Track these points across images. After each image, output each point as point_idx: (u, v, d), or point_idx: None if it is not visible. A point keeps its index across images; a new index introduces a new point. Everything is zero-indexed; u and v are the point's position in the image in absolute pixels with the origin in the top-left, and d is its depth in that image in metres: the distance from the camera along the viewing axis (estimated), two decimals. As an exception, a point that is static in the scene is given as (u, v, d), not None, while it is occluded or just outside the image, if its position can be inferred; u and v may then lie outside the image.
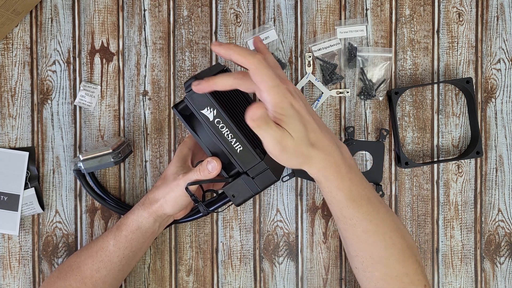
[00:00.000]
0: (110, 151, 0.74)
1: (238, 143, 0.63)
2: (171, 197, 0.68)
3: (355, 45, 0.81)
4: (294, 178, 0.81)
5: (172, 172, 0.70)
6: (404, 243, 0.66)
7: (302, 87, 0.81)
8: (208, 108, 0.62)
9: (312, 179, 0.80)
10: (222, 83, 0.57)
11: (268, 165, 0.64)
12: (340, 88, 0.81)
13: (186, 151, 0.72)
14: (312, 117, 0.60)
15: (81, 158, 0.74)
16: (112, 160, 0.74)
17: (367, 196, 0.64)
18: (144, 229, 0.71)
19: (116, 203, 0.78)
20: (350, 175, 0.62)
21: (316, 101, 0.80)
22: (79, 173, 0.76)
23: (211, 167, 0.65)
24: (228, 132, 0.63)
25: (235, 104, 0.66)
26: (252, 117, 0.54)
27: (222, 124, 0.63)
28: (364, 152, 0.81)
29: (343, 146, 0.64)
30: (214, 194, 0.73)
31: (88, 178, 0.78)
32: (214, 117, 0.62)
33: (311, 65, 0.80)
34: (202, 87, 0.58)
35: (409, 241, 0.68)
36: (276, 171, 0.66)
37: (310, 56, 0.80)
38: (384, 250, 0.65)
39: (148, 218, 0.70)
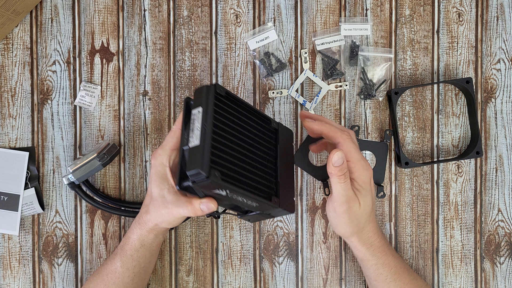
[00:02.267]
0: (95, 155, 0.75)
1: (254, 202, 0.63)
2: (164, 221, 0.66)
3: (358, 43, 0.81)
4: (294, 178, 0.81)
5: (158, 194, 0.65)
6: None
7: (302, 83, 0.81)
8: (220, 189, 0.59)
9: (315, 176, 0.80)
10: (331, 131, 0.67)
11: (284, 205, 0.66)
12: (340, 82, 0.81)
13: (162, 169, 0.65)
14: (373, 198, 0.68)
15: (70, 170, 0.75)
16: (99, 163, 0.75)
17: (406, 267, 0.72)
18: (148, 245, 0.70)
19: (117, 206, 0.78)
20: (391, 250, 0.71)
21: (316, 97, 0.80)
22: (73, 186, 0.76)
23: (206, 208, 0.62)
24: (245, 200, 0.62)
25: (248, 148, 0.65)
26: (337, 168, 0.62)
27: (237, 195, 0.60)
28: (366, 152, 0.81)
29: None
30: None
31: (84, 187, 0.78)
32: (228, 193, 0.60)
33: (308, 61, 0.81)
34: (315, 125, 0.67)
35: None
36: (290, 205, 0.68)
37: (306, 53, 0.80)
38: None
39: (148, 235, 0.69)
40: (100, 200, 0.78)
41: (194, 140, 0.58)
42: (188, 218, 0.75)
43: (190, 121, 0.60)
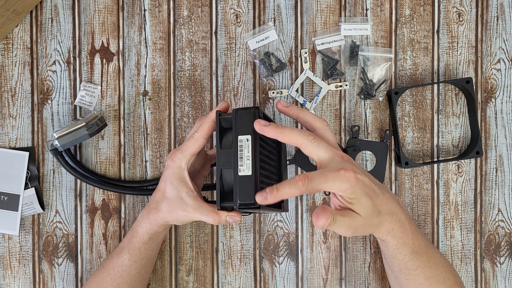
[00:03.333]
0: (84, 124, 0.75)
1: (269, 212, 0.67)
2: (179, 220, 0.68)
3: (358, 43, 0.81)
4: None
5: (175, 195, 0.67)
6: (458, 281, 0.71)
7: (302, 83, 0.81)
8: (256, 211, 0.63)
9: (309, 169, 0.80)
10: (288, 193, 0.57)
11: (285, 208, 0.71)
12: (340, 82, 0.81)
13: (180, 171, 0.67)
14: (372, 182, 0.61)
15: (56, 136, 0.74)
16: (87, 132, 0.74)
17: (425, 245, 0.67)
18: (156, 238, 0.72)
19: (96, 178, 0.79)
20: (411, 227, 0.65)
21: (316, 97, 0.80)
22: (56, 152, 0.76)
23: (232, 221, 0.65)
24: (263, 211, 0.66)
25: (269, 164, 0.68)
26: (322, 226, 0.55)
27: (262, 211, 0.65)
28: (367, 152, 0.81)
29: (399, 199, 0.67)
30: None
31: (65, 156, 0.78)
32: (258, 211, 0.64)
33: (308, 61, 0.81)
34: (269, 200, 0.57)
35: (458, 278, 0.72)
36: (286, 205, 0.73)
37: (306, 53, 0.80)
38: None
39: (158, 229, 0.71)
40: (80, 170, 0.78)
41: (245, 169, 0.61)
42: None
43: (236, 147, 0.62)
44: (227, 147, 0.63)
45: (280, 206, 0.71)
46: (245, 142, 0.62)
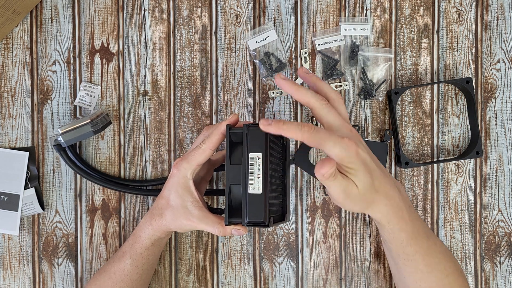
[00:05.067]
0: (89, 121, 0.75)
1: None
2: (182, 228, 0.69)
3: (358, 43, 0.81)
4: (294, 178, 0.81)
5: (180, 204, 0.67)
6: (458, 269, 0.71)
7: (302, 83, 0.81)
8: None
9: (312, 174, 0.80)
10: (291, 132, 0.56)
11: (287, 219, 0.73)
12: (340, 82, 0.81)
13: (185, 181, 0.67)
14: (375, 163, 0.61)
15: (60, 132, 0.74)
16: (91, 129, 0.75)
17: (425, 232, 0.67)
18: (158, 243, 0.72)
19: (98, 175, 0.79)
20: (411, 215, 0.65)
21: (316, 101, 0.80)
22: (59, 148, 0.76)
23: (237, 233, 0.65)
24: None
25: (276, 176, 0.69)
26: (323, 174, 0.55)
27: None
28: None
29: (401, 186, 0.67)
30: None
31: (68, 152, 0.78)
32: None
33: (308, 61, 0.81)
34: (272, 128, 0.57)
35: (459, 266, 0.72)
36: (288, 215, 0.74)
37: (306, 53, 0.80)
38: (445, 278, 0.68)
39: (160, 235, 0.71)
40: (83, 167, 0.79)
41: (255, 187, 0.62)
42: None
43: (246, 164, 0.62)
44: (236, 162, 0.64)
45: (283, 218, 0.71)
46: (256, 160, 0.62)
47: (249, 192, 0.62)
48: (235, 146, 0.65)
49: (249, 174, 0.62)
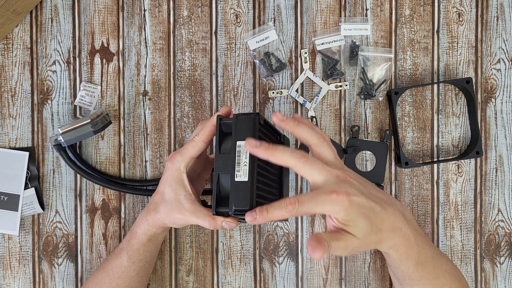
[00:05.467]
0: (89, 120, 0.75)
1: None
2: (176, 223, 0.68)
3: (358, 43, 0.81)
4: (294, 178, 0.81)
5: (173, 198, 0.67)
6: (463, 284, 0.70)
7: (302, 83, 0.81)
8: None
9: None
10: (277, 215, 0.55)
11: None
12: (340, 82, 0.81)
13: (179, 174, 0.67)
14: (371, 199, 0.58)
15: (60, 131, 0.74)
16: (91, 129, 0.75)
17: (431, 255, 0.65)
18: (155, 240, 0.72)
19: (99, 176, 0.79)
20: (417, 240, 0.63)
21: (316, 97, 0.80)
22: (59, 148, 0.76)
23: (227, 226, 0.64)
24: None
25: (269, 180, 0.68)
26: (316, 257, 0.53)
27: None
28: (366, 152, 0.81)
29: (406, 209, 0.64)
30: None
31: (68, 151, 0.78)
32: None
33: (308, 61, 0.81)
34: (258, 221, 0.56)
35: (464, 281, 0.71)
36: None
37: (306, 53, 0.80)
38: None
39: (156, 231, 0.71)
40: (83, 167, 0.79)
41: (242, 175, 0.61)
42: None
43: (234, 152, 0.62)
44: (226, 152, 0.63)
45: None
46: (243, 148, 0.62)
47: (236, 179, 0.61)
48: (226, 136, 0.65)
49: (236, 162, 0.61)
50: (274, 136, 0.70)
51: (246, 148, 0.58)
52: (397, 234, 0.60)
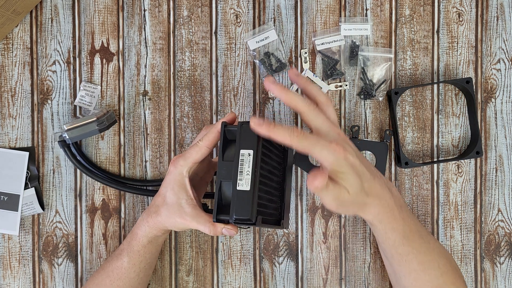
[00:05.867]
0: (95, 119, 0.74)
1: (267, 228, 0.67)
2: (176, 227, 0.68)
3: (358, 43, 0.81)
4: (294, 178, 0.81)
5: (174, 202, 0.67)
6: (453, 267, 0.71)
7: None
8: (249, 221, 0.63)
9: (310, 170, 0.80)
10: (281, 136, 0.57)
11: (285, 226, 0.71)
12: (340, 82, 0.81)
13: (181, 178, 0.67)
14: (364, 165, 0.61)
15: (65, 128, 0.74)
16: (97, 127, 0.74)
17: (418, 231, 0.67)
18: (155, 242, 0.72)
19: (102, 174, 0.79)
20: (402, 214, 0.65)
21: (316, 101, 0.80)
22: (64, 144, 0.76)
23: (227, 233, 0.65)
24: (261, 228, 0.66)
25: (271, 182, 0.68)
26: (317, 186, 0.55)
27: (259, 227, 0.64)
28: (366, 152, 0.81)
29: (392, 185, 0.67)
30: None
31: (72, 148, 0.78)
32: (254, 227, 0.64)
33: (308, 61, 0.81)
34: (262, 129, 0.57)
35: (454, 263, 0.72)
36: (286, 222, 0.73)
37: (306, 53, 0.80)
38: (440, 277, 0.69)
39: (157, 233, 0.71)
40: (86, 164, 0.79)
41: (244, 184, 0.61)
42: None
43: (237, 160, 0.62)
44: (229, 160, 0.63)
45: (279, 223, 0.71)
46: (246, 157, 0.62)
47: (238, 188, 0.61)
48: (229, 143, 0.65)
49: (238, 170, 0.62)
50: (278, 145, 0.70)
51: (250, 126, 0.58)
52: (382, 203, 0.63)
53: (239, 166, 0.62)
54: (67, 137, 0.74)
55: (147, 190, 0.79)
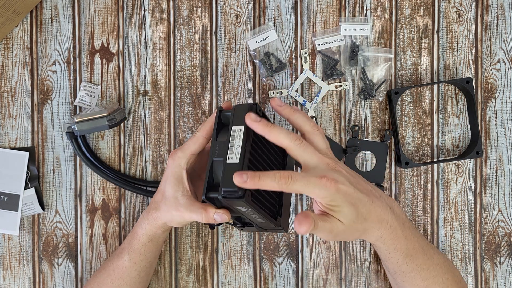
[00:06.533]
0: (106, 114, 0.74)
1: (263, 220, 0.64)
2: (174, 221, 0.68)
3: (358, 43, 0.81)
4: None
5: (171, 195, 0.67)
6: (458, 279, 0.71)
7: (302, 83, 0.81)
8: (243, 207, 0.60)
9: None
10: (269, 185, 0.55)
11: (283, 225, 0.67)
12: (340, 82, 0.81)
13: (179, 171, 0.67)
14: (359, 190, 0.59)
15: (75, 120, 0.74)
16: (107, 123, 0.74)
17: (421, 247, 0.67)
18: (156, 240, 0.72)
19: (107, 170, 0.79)
20: (405, 232, 0.64)
21: (316, 97, 0.80)
22: (71, 136, 0.76)
23: (219, 219, 0.63)
24: (256, 217, 0.63)
25: (267, 167, 0.67)
26: (302, 232, 0.55)
27: (253, 213, 0.62)
28: (366, 152, 0.81)
29: (394, 202, 0.65)
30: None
31: (80, 141, 0.78)
32: (247, 210, 0.61)
33: (308, 61, 0.81)
34: (248, 183, 0.55)
35: (458, 276, 0.72)
36: (286, 225, 0.69)
37: (306, 53, 0.80)
38: None
39: (157, 231, 0.70)
40: (92, 159, 0.78)
41: (233, 157, 0.60)
42: None
43: (229, 137, 0.61)
44: (222, 140, 0.63)
45: (275, 218, 0.68)
46: (237, 132, 0.61)
47: (227, 162, 0.60)
48: (224, 127, 0.64)
49: (229, 145, 0.61)
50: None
51: (246, 122, 0.57)
52: (383, 225, 0.61)
53: (230, 141, 0.61)
54: (76, 129, 0.74)
55: (149, 191, 0.79)
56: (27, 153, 0.79)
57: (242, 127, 0.61)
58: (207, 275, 0.81)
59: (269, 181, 0.55)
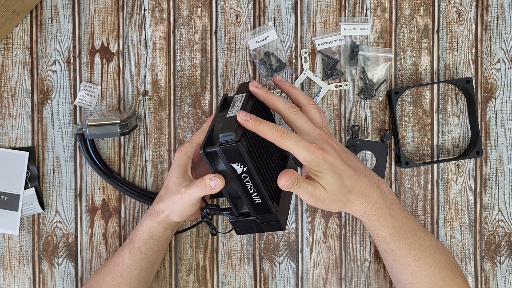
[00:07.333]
0: (119, 121, 0.73)
1: (258, 196, 0.63)
2: (176, 209, 0.68)
3: (358, 43, 0.81)
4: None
5: (174, 183, 0.69)
6: (452, 263, 0.72)
7: (302, 83, 0.81)
8: (239, 164, 0.61)
9: None
10: (265, 133, 0.60)
11: (280, 217, 0.66)
12: (340, 82, 0.81)
13: (185, 160, 0.69)
14: (347, 164, 0.63)
15: (88, 123, 0.74)
16: (119, 130, 0.73)
17: (410, 228, 0.69)
18: (156, 238, 0.71)
19: (112, 175, 0.79)
20: (392, 211, 0.67)
21: (316, 96, 0.80)
22: (81, 138, 0.76)
23: (214, 184, 0.63)
24: (252, 187, 0.63)
25: (266, 152, 0.67)
26: (284, 185, 0.59)
27: (248, 179, 0.62)
28: (366, 152, 0.81)
29: (383, 183, 0.68)
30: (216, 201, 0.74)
31: (88, 144, 0.78)
32: (243, 172, 0.61)
33: (308, 61, 0.81)
34: (249, 124, 0.60)
35: (453, 260, 0.72)
36: (284, 220, 0.69)
37: (306, 53, 0.80)
38: (437, 273, 0.69)
39: (158, 227, 0.70)
40: (100, 165, 0.79)
41: (233, 112, 0.63)
42: (199, 219, 0.74)
43: (231, 104, 0.64)
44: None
45: (272, 201, 0.66)
46: (239, 97, 0.65)
47: (226, 116, 0.62)
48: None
49: (230, 106, 0.64)
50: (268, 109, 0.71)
51: (249, 87, 0.62)
52: (367, 200, 0.64)
53: (232, 103, 0.64)
54: (88, 133, 0.74)
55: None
56: (27, 153, 0.79)
57: (244, 94, 0.65)
58: (207, 275, 0.81)
59: (267, 129, 0.60)
